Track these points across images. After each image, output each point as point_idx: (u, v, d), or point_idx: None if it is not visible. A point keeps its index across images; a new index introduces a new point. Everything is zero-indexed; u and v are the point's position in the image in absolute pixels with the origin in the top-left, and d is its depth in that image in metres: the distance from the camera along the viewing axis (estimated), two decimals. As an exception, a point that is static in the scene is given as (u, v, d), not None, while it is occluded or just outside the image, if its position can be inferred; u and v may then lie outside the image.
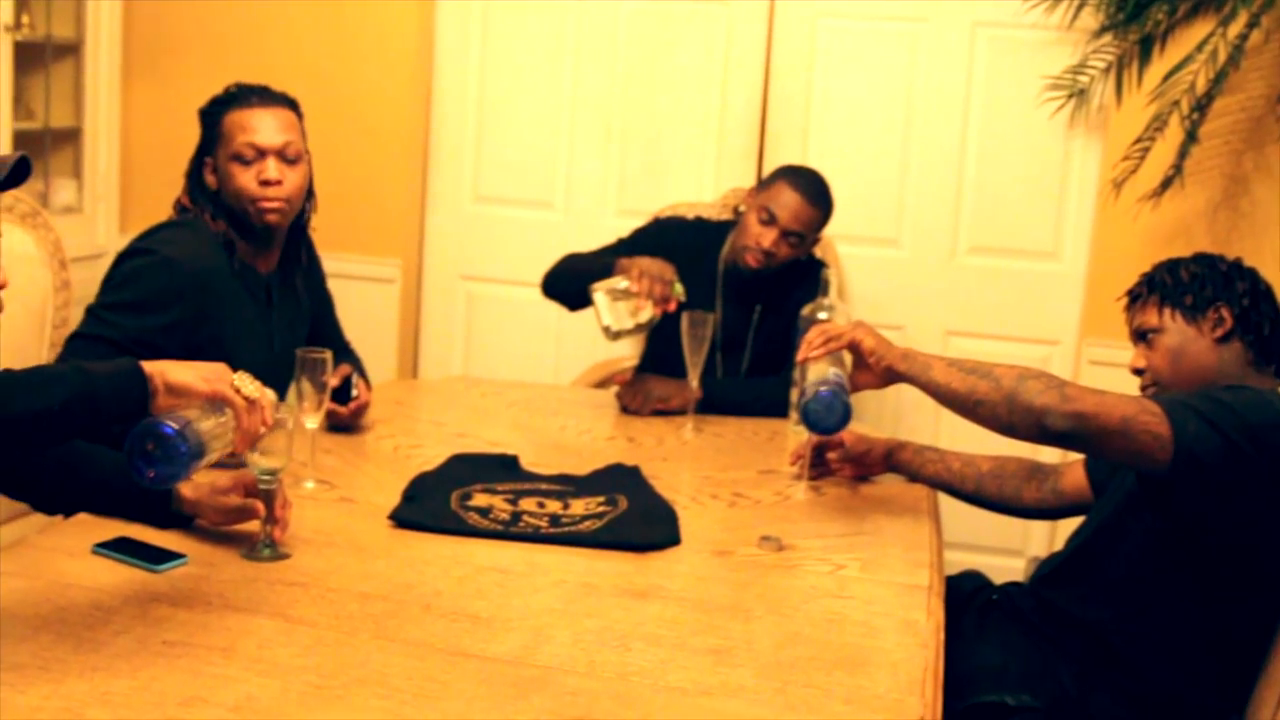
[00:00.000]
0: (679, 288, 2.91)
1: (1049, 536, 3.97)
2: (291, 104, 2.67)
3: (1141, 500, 2.22)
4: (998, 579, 2.59)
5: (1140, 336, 2.37)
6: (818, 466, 2.62)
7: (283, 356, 2.39)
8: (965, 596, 2.50)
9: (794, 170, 3.23)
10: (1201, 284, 2.30)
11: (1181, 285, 2.32)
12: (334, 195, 4.31)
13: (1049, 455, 3.26)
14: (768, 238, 3.12)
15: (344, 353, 2.80)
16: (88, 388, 1.65)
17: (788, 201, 3.13)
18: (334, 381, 2.58)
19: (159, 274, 2.46)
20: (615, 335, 2.90)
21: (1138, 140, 3.60)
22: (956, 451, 2.65)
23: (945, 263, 4.09)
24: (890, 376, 2.33)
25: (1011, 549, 4.00)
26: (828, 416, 2.34)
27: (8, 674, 1.54)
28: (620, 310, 2.90)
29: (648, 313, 2.88)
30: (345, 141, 4.27)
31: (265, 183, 2.56)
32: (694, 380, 2.94)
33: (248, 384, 1.78)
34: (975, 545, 3.85)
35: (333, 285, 2.95)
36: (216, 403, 1.75)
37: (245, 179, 2.57)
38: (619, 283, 2.89)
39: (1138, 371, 2.38)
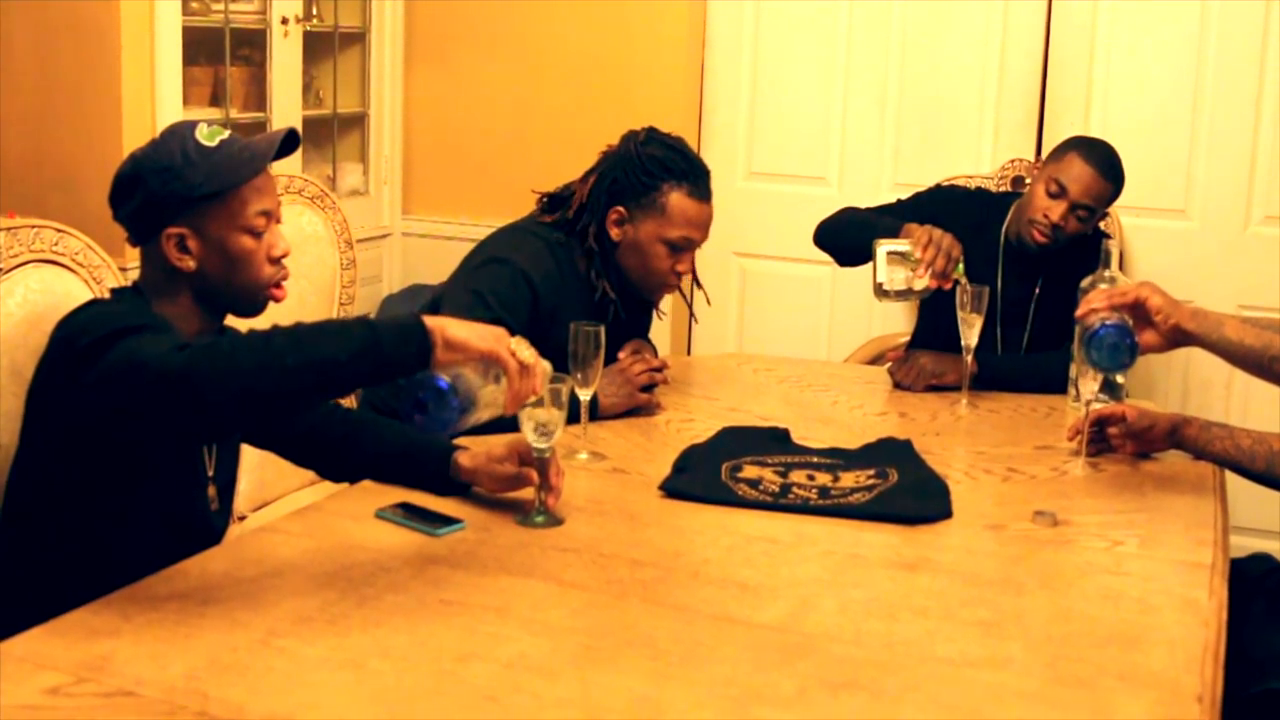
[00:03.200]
0: (961, 268, 2.87)
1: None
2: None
3: None
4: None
5: None
6: (1098, 442, 2.56)
7: None
8: (1255, 580, 2.42)
9: (1086, 141, 3.16)
10: None
11: None
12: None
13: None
14: (1056, 210, 3.05)
15: None
16: (372, 339, 1.71)
17: (1079, 174, 3.05)
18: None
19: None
20: (884, 294, 2.86)
21: None
22: (1247, 429, 2.55)
23: (1238, 234, 3.93)
24: (1177, 337, 2.26)
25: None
26: (1114, 353, 2.28)
27: (297, 626, 1.65)
28: (897, 273, 2.85)
29: (923, 282, 2.84)
30: (618, 123, 4.31)
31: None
32: (968, 355, 2.91)
33: (523, 349, 1.84)
34: (1265, 530, 3.69)
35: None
36: (490, 363, 1.81)
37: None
38: (903, 244, 2.86)
39: None
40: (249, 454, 2.34)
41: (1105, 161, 3.08)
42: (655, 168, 2.75)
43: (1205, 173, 3.93)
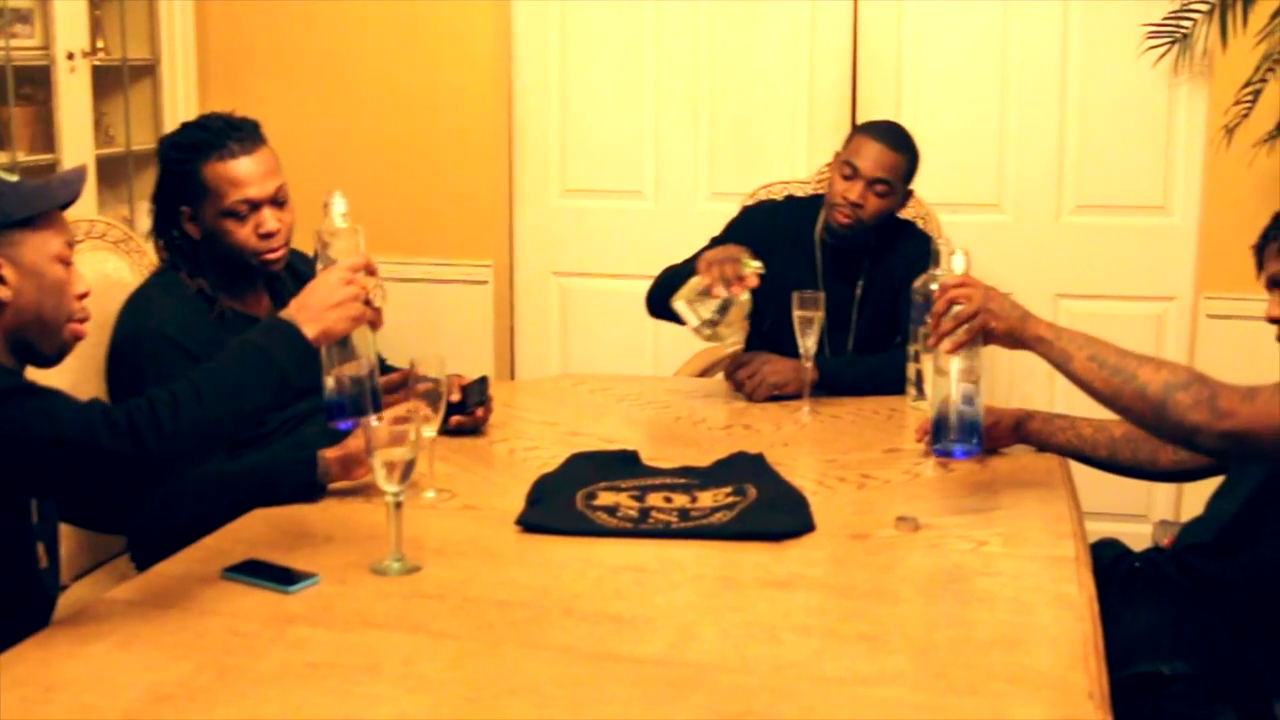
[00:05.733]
0: (751, 263, 2.85)
1: (1174, 500, 3.91)
2: (261, 133, 2.62)
3: None
4: (1132, 544, 2.55)
5: (1276, 284, 2.30)
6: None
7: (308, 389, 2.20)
8: (1107, 566, 2.46)
9: (871, 123, 3.26)
10: None
11: None
12: (420, 200, 4.36)
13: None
14: (854, 190, 3.11)
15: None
16: (276, 373, 1.93)
17: (866, 150, 3.12)
18: (454, 395, 2.61)
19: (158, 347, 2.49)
20: (711, 333, 2.86)
21: (1248, 83, 3.51)
22: (1087, 418, 2.60)
23: (1050, 224, 4.03)
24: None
25: (1136, 514, 3.94)
26: (963, 441, 2.39)
27: (157, 706, 1.55)
28: (703, 308, 2.85)
29: (724, 293, 2.81)
30: (428, 145, 4.29)
31: (266, 235, 2.57)
32: (808, 362, 2.91)
33: (377, 294, 2.05)
34: (1099, 512, 3.77)
35: (424, 290, 2.97)
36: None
37: (244, 235, 2.56)
38: (697, 284, 2.86)
39: (1275, 321, 2.31)
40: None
41: (890, 134, 3.16)
42: (180, 154, 2.60)
43: (1016, 166, 4.03)
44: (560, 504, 2.23)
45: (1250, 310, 3.19)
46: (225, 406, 1.87)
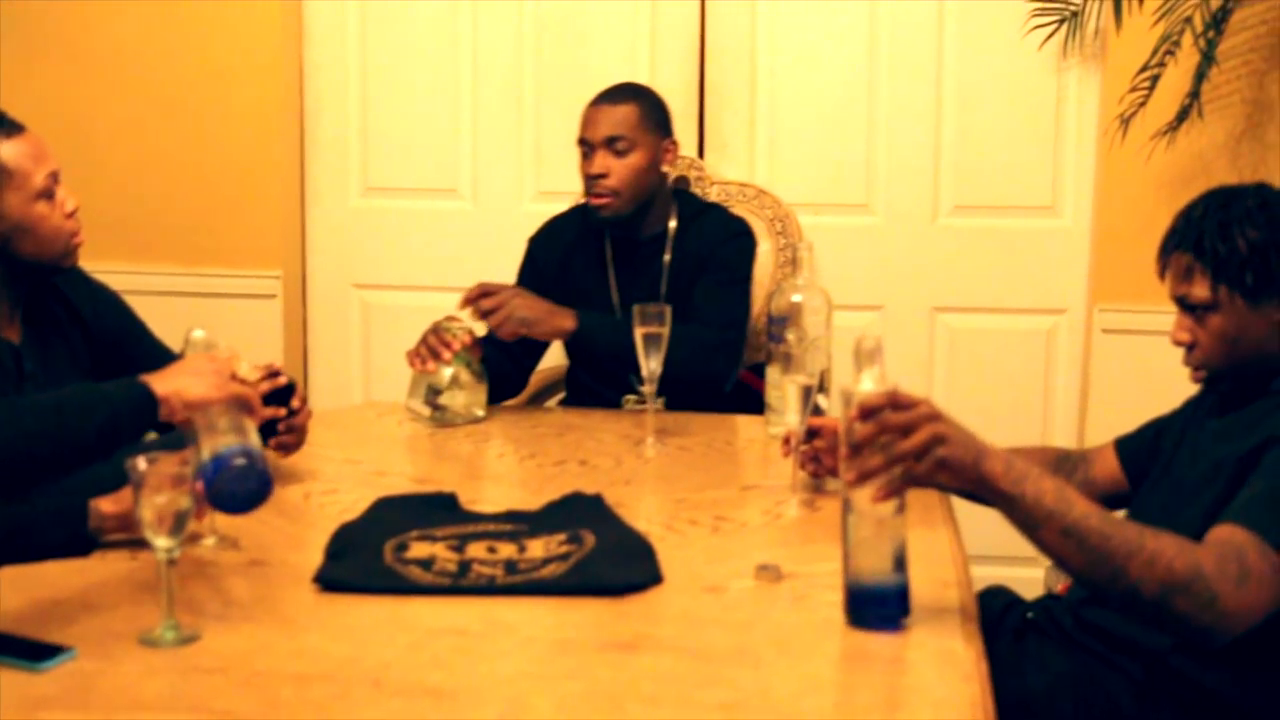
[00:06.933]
0: (456, 329, 3.07)
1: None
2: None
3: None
4: (1024, 591, 2.60)
5: (1184, 304, 2.33)
6: (816, 460, 2.60)
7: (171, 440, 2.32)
8: (996, 617, 2.51)
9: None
10: (1265, 257, 2.23)
11: (1239, 257, 2.23)
12: (194, 201, 4.29)
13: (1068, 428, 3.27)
14: (594, 164, 3.28)
15: None
16: (113, 426, 2.10)
17: (589, 118, 3.32)
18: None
19: None
20: (442, 416, 3.09)
21: (1144, 68, 3.62)
22: None
23: (926, 227, 4.11)
24: None
25: (1028, 556, 3.97)
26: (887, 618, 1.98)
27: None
28: (421, 399, 3.13)
29: (432, 375, 3.08)
30: (202, 135, 4.23)
31: (70, 214, 2.61)
32: (650, 386, 2.91)
33: (243, 367, 2.23)
34: (986, 555, 3.84)
35: (200, 306, 2.95)
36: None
37: (58, 218, 2.58)
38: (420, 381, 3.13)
39: (1182, 344, 2.35)
40: None
41: (610, 92, 3.36)
42: None
43: (886, 161, 4.11)
44: (365, 558, 2.21)
45: (1150, 324, 3.27)
46: (40, 425, 2.04)
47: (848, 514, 1.94)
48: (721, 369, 3.28)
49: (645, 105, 3.35)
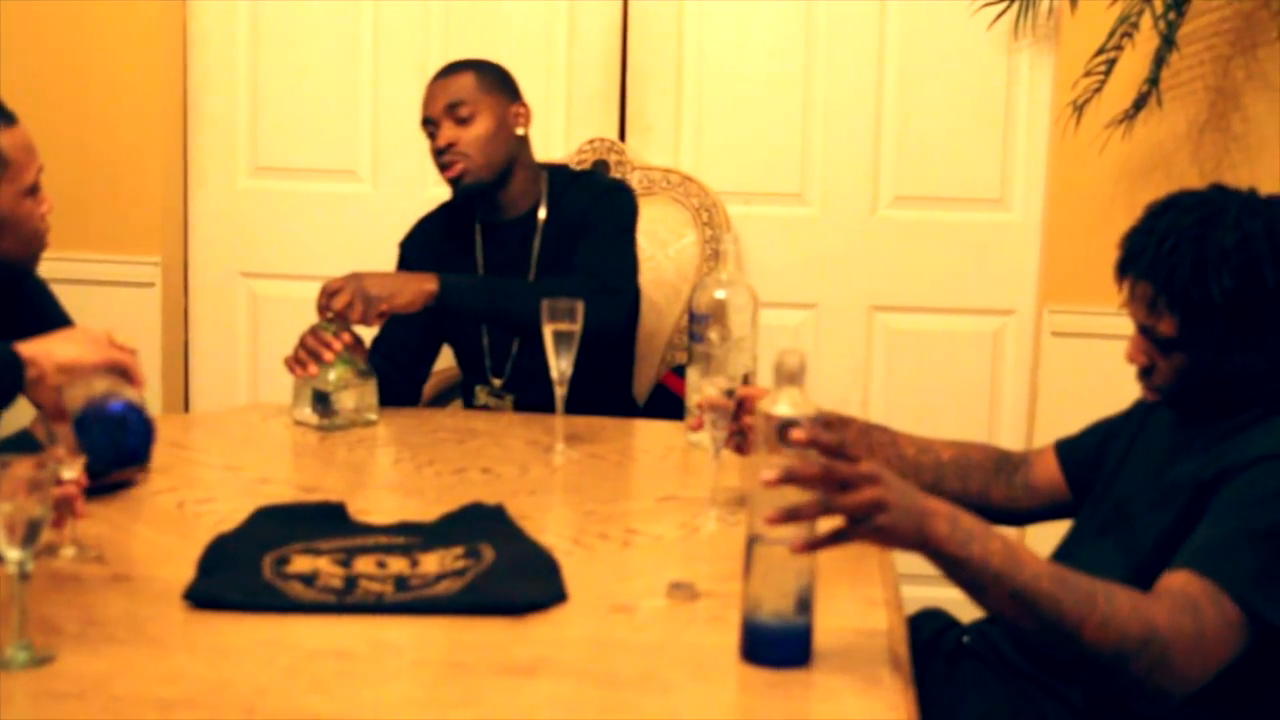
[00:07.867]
0: (334, 328, 3.12)
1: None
2: None
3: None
4: (960, 614, 2.60)
5: (1146, 332, 2.26)
6: (740, 435, 2.58)
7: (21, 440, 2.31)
8: (928, 642, 2.52)
9: None
10: (1239, 305, 2.15)
11: (1212, 305, 2.15)
12: (63, 180, 4.22)
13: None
14: (441, 138, 3.36)
15: None
16: None
17: (426, 96, 3.42)
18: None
19: None
20: (330, 421, 3.11)
21: (1100, 51, 3.65)
22: (911, 434, 2.64)
23: (864, 219, 4.13)
24: None
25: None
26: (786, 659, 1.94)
27: None
28: (307, 405, 3.15)
29: (310, 382, 3.13)
30: (71, 114, 4.20)
31: (43, 216, 2.71)
32: (561, 388, 2.91)
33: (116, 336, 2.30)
34: (918, 574, 3.83)
35: (72, 295, 2.93)
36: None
37: (38, 218, 2.69)
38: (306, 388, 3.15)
39: (1139, 365, 2.32)
40: None
41: (448, 67, 3.46)
42: None
43: (822, 148, 4.13)
44: (242, 573, 2.20)
45: (1104, 327, 3.31)
46: None
47: (754, 544, 1.91)
48: (607, 318, 3.23)
49: (481, 71, 3.43)
